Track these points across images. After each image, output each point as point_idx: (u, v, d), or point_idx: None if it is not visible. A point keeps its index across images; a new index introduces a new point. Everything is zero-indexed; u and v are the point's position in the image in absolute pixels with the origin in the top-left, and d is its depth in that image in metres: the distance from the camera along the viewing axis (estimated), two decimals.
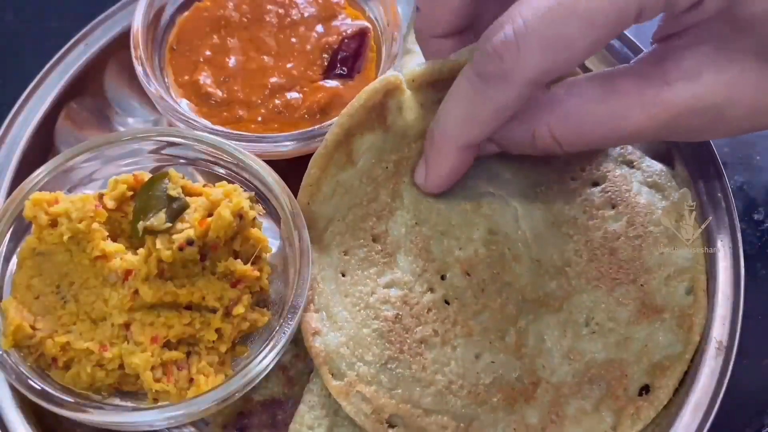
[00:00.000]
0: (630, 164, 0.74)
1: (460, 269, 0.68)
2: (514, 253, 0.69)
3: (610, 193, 0.72)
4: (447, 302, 0.67)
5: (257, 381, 0.62)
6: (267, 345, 0.62)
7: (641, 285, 0.68)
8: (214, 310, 0.63)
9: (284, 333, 0.62)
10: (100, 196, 0.64)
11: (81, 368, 0.61)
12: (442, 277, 0.68)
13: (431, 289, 0.67)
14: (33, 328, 0.61)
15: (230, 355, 0.65)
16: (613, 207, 0.71)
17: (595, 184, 0.73)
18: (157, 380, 0.61)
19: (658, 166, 0.74)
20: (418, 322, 0.65)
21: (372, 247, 0.68)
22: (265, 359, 0.61)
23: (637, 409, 0.65)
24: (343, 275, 0.67)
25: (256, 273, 0.64)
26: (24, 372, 0.61)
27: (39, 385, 0.60)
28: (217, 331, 0.63)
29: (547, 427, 0.65)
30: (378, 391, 0.63)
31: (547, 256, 0.69)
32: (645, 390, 0.66)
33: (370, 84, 0.68)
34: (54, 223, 0.63)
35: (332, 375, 0.63)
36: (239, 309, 0.63)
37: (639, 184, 0.73)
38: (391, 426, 0.63)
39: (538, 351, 0.67)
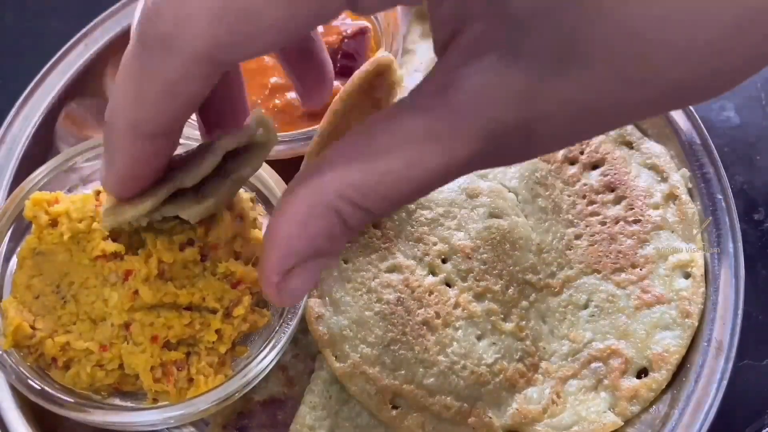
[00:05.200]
0: (629, 145, 0.75)
1: (462, 252, 0.68)
2: (515, 236, 0.70)
3: (609, 176, 0.73)
4: (448, 285, 0.68)
5: (257, 381, 0.62)
6: (267, 345, 0.62)
7: (640, 270, 0.70)
8: (214, 311, 0.63)
9: (284, 333, 0.62)
10: (100, 195, 0.64)
11: (81, 368, 0.61)
12: (443, 261, 0.68)
13: (432, 273, 0.68)
14: (33, 328, 0.61)
15: (230, 356, 0.65)
16: (612, 190, 0.73)
17: (595, 167, 0.74)
18: (157, 380, 0.61)
19: (657, 148, 0.75)
20: (419, 305, 0.66)
21: (372, 233, 0.69)
22: (265, 359, 0.61)
23: (635, 392, 0.66)
24: (345, 262, 0.68)
25: (257, 274, 0.64)
26: (24, 372, 0.60)
27: (39, 385, 0.60)
28: (217, 331, 0.63)
29: (548, 407, 0.65)
30: (381, 372, 0.64)
31: (548, 240, 0.71)
32: (644, 373, 0.67)
33: (361, 67, 0.66)
34: (54, 223, 0.63)
35: (336, 357, 0.64)
36: (239, 310, 0.63)
37: (638, 165, 0.74)
38: (395, 407, 0.64)
39: (538, 333, 0.68)
